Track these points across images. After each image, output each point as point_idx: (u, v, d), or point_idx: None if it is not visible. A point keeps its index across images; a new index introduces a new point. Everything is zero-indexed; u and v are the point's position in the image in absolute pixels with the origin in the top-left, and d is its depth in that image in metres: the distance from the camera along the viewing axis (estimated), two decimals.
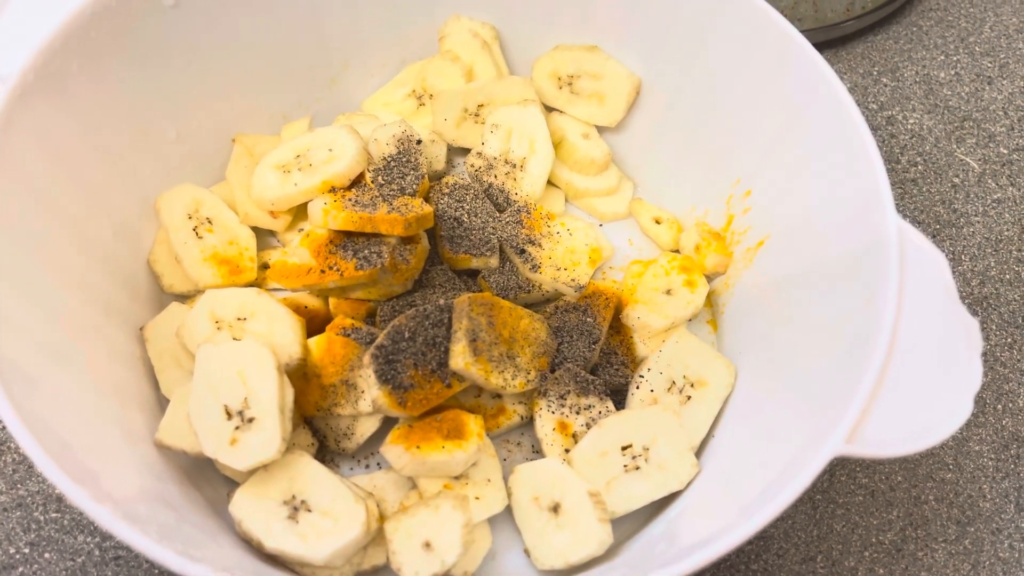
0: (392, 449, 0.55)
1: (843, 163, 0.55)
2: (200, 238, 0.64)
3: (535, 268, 0.64)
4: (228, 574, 0.41)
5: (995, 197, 0.79)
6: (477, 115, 0.71)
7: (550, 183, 0.72)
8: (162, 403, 0.60)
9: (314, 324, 0.61)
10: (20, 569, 0.58)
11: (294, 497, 0.53)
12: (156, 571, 0.59)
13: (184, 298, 0.65)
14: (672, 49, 0.68)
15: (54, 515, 0.60)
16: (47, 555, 0.59)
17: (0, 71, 0.55)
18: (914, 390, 0.46)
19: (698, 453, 0.61)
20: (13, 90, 0.52)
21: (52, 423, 0.46)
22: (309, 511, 0.53)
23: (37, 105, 0.54)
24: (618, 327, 0.66)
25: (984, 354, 0.71)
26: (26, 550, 0.59)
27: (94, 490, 0.43)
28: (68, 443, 0.46)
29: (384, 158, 0.65)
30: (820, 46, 0.63)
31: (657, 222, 0.72)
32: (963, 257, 0.76)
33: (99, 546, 0.59)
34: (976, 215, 0.78)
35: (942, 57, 0.89)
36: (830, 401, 0.48)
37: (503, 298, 0.63)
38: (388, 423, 0.59)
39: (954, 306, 0.49)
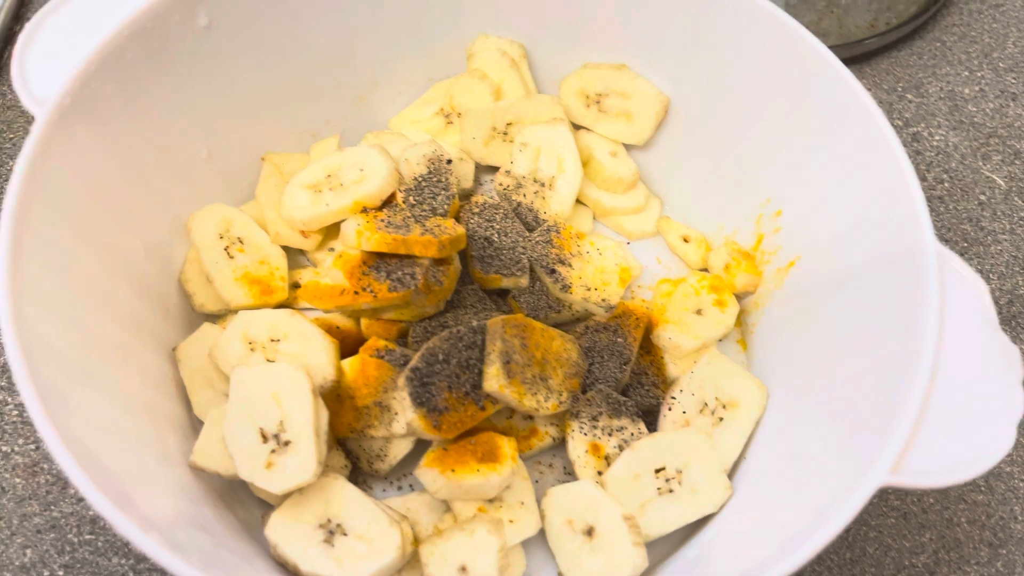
0: (427, 472, 0.55)
1: (877, 183, 0.55)
2: (231, 258, 0.64)
3: (566, 288, 0.64)
4: None
5: (1022, 215, 0.79)
6: (505, 134, 0.71)
7: (578, 201, 0.72)
8: (194, 424, 0.60)
9: (346, 345, 0.61)
10: None
11: (329, 520, 0.53)
12: None
13: (215, 318, 0.65)
14: (700, 67, 0.68)
15: (88, 537, 0.60)
16: None
17: (37, 94, 0.55)
18: (957, 419, 0.46)
19: (731, 475, 0.60)
20: (51, 114, 0.52)
21: (91, 447, 0.46)
22: (344, 535, 0.53)
23: (73, 128, 0.54)
24: (648, 347, 0.65)
25: None
26: (60, 572, 0.59)
27: (136, 516, 0.43)
28: (108, 468, 0.46)
29: (415, 178, 0.65)
30: (844, 62, 0.63)
31: (685, 240, 0.72)
32: (991, 276, 0.76)
33: (133, 568, 0.59)
34: (1003, 233, 0.78)
35: (966, 73, 0.88)
36: (871, 429, 0.48)
37: (534, 318, 0.63)
38: (421, 444, 0.59)
39: (994, 333, 0.49)
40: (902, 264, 0.52)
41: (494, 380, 0.56)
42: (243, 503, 0.58)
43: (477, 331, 0.59)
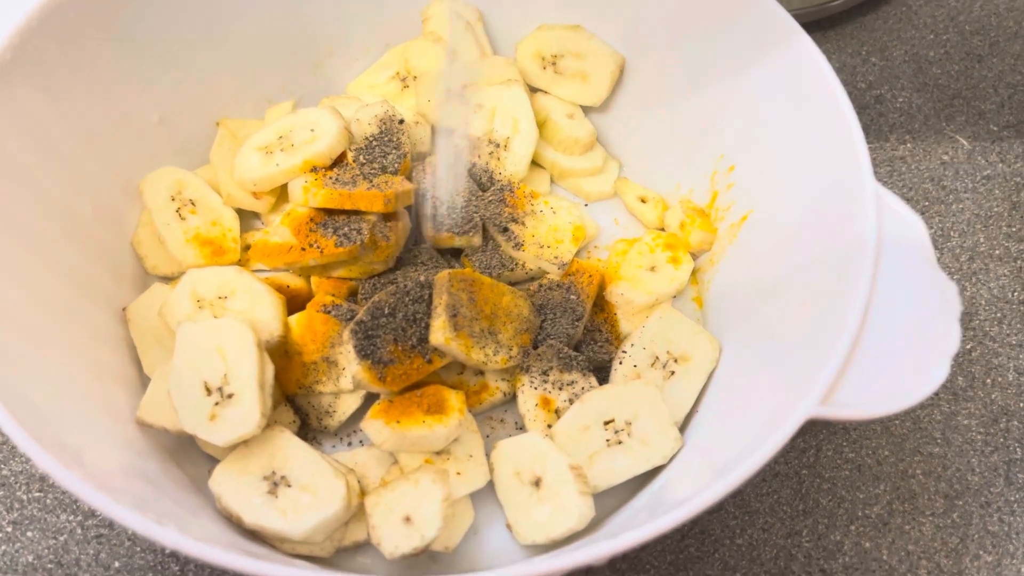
0: (372, 423, 0.55)
1: (820, 128, 0.55)
2: (183, 219, 0.64)
3: (518, 246, 0.64)
4: (192, 537, 0.41)
5: (984, 174, 0.79)
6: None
7: (535, 164, 0.72)
8: (145, 382, 0.60)
9: (296, 303, 0.61)
10: (3, 548, 0.58)
11: (274, 472, 0.53)
12: (138, 549, 0.59)
13: (168, 279, 0.65)
14: (655, 27, 0.68)
15: (37, 494, 0.60)
16: (29, 534, 0.59)
17: None
18: (890, 353, 0.46)
19: (682, 428, 0.60)
20: None
21: (31, 399, 0.46)
22: (289, 486, 0.53)
23: (15, 86, 0.54)
24: (602, 304, 0.65)
25: (973, 329, 0.70)
26: (8, 529, 0.59)
27: (72, 463, 0.43)
28: (47, 419, 0.46)
29: (366, 138, 0.65)
30: (809, 26, 0.62)
31: (642, 201, 0.72)
32: (952, 233, 0.75)
33: (81, 524, 0.59)
34: (965, 191, 0.78)
35: (932, 36, 0.88)
36: (806, 367, 0.48)
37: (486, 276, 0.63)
38: (370, 400, 0.59)
39: (932, 271, 0.49)
40: (842, 205, 0.52)
41: (440, 333, 0.56)
42: (192, 460, 0.58)
43: (424, 285, 0.59)
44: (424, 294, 0.58)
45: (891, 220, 0.50)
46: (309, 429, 0.60)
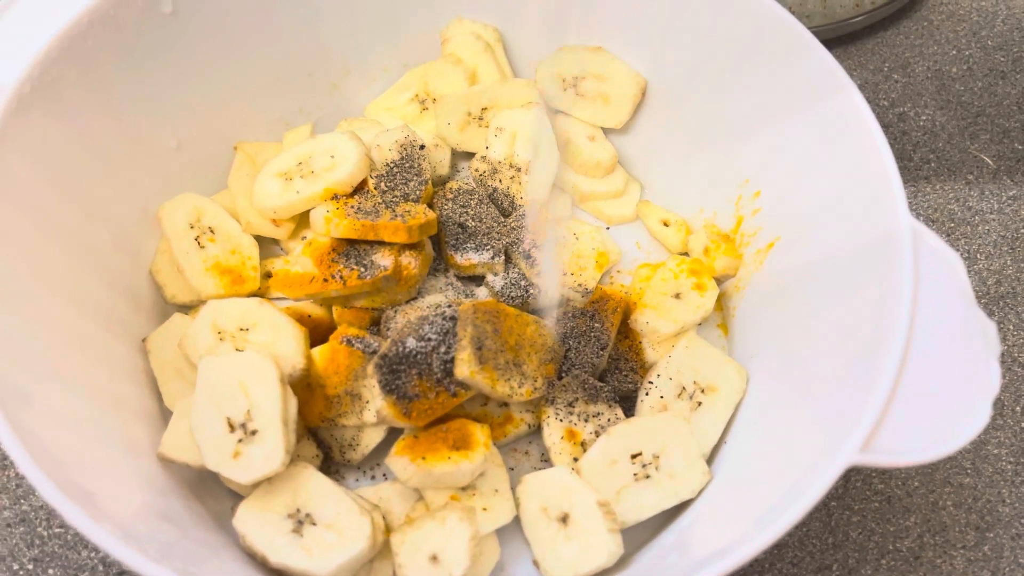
0: (398, 460, 0.54)
1: (853, 161, 0.54)
2: (202, 248, 0.63)
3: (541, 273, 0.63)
4: None
5: (1011, 194, 0.78)
6: (481, 119, 0.70)
7: (556, 187, 0.71)
8: (165, 416, 0.59)
9: (318, 333, 0.60)
10: None
11: (298, 510, 0.52)
12: None
13: (187, 308, 0.64)
14: (677, 48, 0.67)
15: (58, 530, 0.59)
16: (51, 571, 0.58)
17: None
18: (930, 396, 0.45)
19: (710, 460, 0.59)
20: (9, 101, 0.52)
21: (48, 439, 0.46)
22: (314, 524, 0.52)
23: (34, 116, 0.54)
24: (626, 332, 0.64)
25: (1002, 355, 0.69)
26: (30, 566, 0.58)
27: (92, 508, 0.42)
28: (64, 460, 0.46)
29: (387, 164, 0.64)
30: (829, 43, 0.62)
31: (665, 224, 0.71)
32: (978, 256, 0.74)
33: (103, 561, 0.59)
34: (991, 212, 0.77)
35: (954, 52, 0.87)
36: (844, 408, 0.47)
37: (509, 305, 0.62)
38: (393, 433, 0.59)
39: (971, 308, 0.48)
40: (877, 240, 0.51)
41: (465, 366, 0.55)
42: (214, 494, 0.57)
43: (448, 317, 0.58)
44: (448, 326, 0.58)
45: (927, 256, 0.49)
46: (332, 462, 0.59)
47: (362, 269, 0.58)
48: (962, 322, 0.47)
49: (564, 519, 0.55)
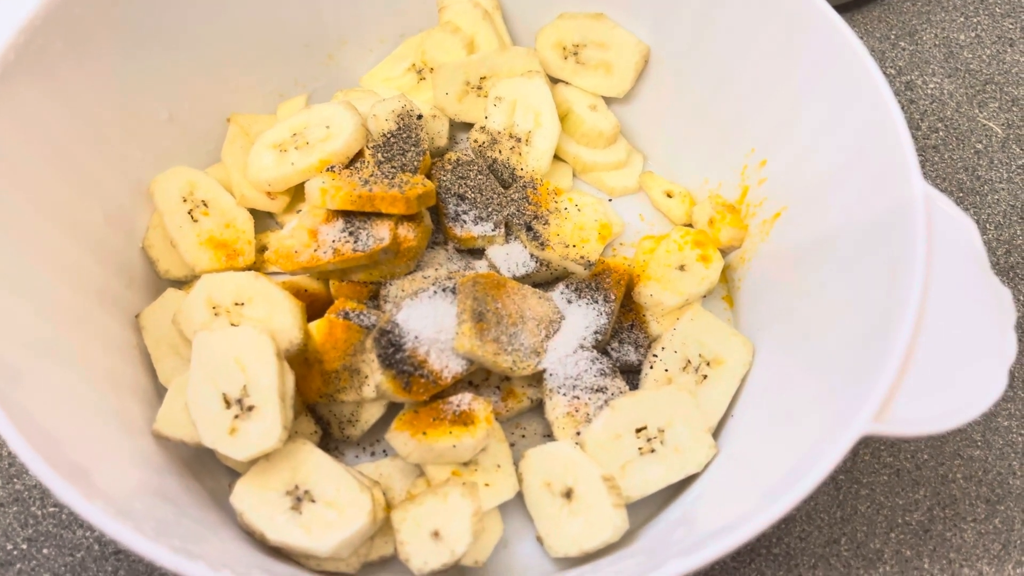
0: (398, 436, 0.53)
1: (864, 128, 0.53)
2: (195, 221, 0.62)
3: (543, 245, 0.62)
4: (228, 570, 0.39)
5: (1020, 163, 0.76)
6: (480, 88, 0.69)
7: (557, 158, 0.70)
8: (160, 393, 0.58)
9: (315, 308, 0.59)
10: (18, 566, 0.57)
11: (297, 487, 0.51)
12: (158, 565, 0.57)
13: (181, 284, 0.63)
14: (681, 14, 0.65)
15: (52, 509, 0.58)
16: (45, 551, 0.57)
17: None
18: (945, 364, 0.44)
19: (715, 434, 0.58)
20: None
21: (40, 417, 0.45)
22: (313, 501, 0.51)
23: (20, 86, 0.52)
24: (630, 305, 0.63)
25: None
26: (24, 546, 0.57)
27: (85, 486, 0.41)
28: (58, 437, 0.45)
29: (383, 134, 0.62)
30: (837, 9, 0.60)
31: (668, 196, 0.69)
32: (988, 225, 0.73)
33: (99, 540, 0.58)
34: (1000, 182, 0.75)
35: (962, 19, 0.85)
36: (855, 378, 0.46)
37: (511, 277, 0.61)
38: (393, 408, 0.57)
39: (985, 276, 0.47)
40: (889, 207, 0.50)
41: (465, 339, 0.54)
42: (211, 472, 0.56)
43: (448, 290, 0.57)
44: (448, 299, 0.56)
45: (941, 222, 0.48)
46: (331, 439, 0.58)
47: (359, 241, 0.57)
48: (977, 289, 0.46)
49: (568, 494, 0.54)
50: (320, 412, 0.57)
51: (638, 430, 0.56)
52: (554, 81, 0.70)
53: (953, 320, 0.45)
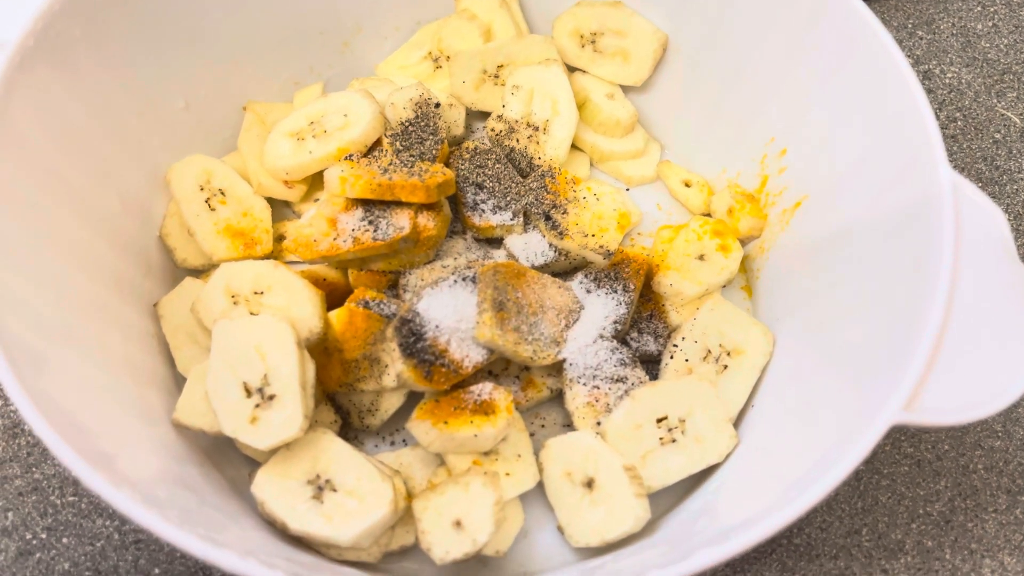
0: (419, 425, 0.53)
1: (888, 115, 0.52)
2: (213, 210, 0.61)
3: (562, 235, 0.61)
4: (254, 558, 0.39)
5: None
6: (497, 76, 0.68)
7: (574, 147, 0.69)
8: (179, 381, 0.58)
9: (334, 297, 0.59)
10: (38, 555, 0.56)
11: (318, 476, 0.51)
12: (178, 555, 0.57)
13: (198, 272, 0.63)
14: (701, 2, 0.64)
15: (71, 499, 0.58)
16: (65, 540, 0.57)
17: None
18: (975, 353, 0.43)
19: (736, 425, 0.58)
20: (12, 57, 0.50)
21: (64, 404, 0.44)
22: (334, 491, 0.51)
23: (38, 73, 0.52)
24: (649, 295, 0.63)
25: None
26: (43, 535, 0.57)
27: (111, 474, 0.41)
28: (82, 425, 0.44)
29: (401, 123, 0.62)
30: None
31: (687, 185, 0.69)
32: (1007, 215, 0.73)
33: (118, 529, 0.57)
34: (1020, 171, 0.75)
35: (979, 8, 0.85)
36: (881, 368, 0.45)
37: (529, 267, 0.61)
38: (413, 398, 0.57)
39: (1013, 265, 0.46)
40: (915, 195, 0.49)
41: (486, 329, 0.54)
42: (230, 460, 0.56)
43: (468, 279, 0.56)
44: (468, 288, 0.56)
45: (968, 210, 0.47)
46: (351, 428, 0.58)
47: (378, 230, 0.57)
48: (1005, 278, 0.46)
49: (589, 484, 0.54)
50: (340, 401, 0.57)
51: (659, 420, 0.56)
52: (571, 69, 0.70)
53: (981, 309, 0.45)
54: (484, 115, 0.70)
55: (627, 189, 0.70)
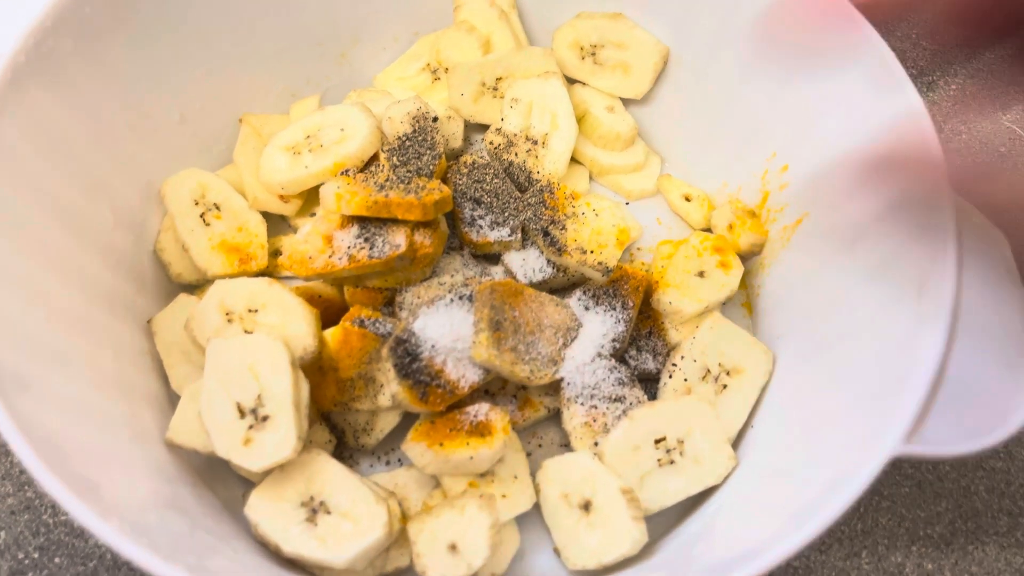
0: (414, 446, 0.52)
1: (891, 130, 0.51)
2: (208, 225, 0.61)
3: (560, 251, 0.61)
4: None
5: None
6: (495, 89, 0.67)
7: (574, 160, 0.69)
8: (172, 399, 0.58)
9: (329, 314, 0.58)
10: (30, 575, 0.56)
11: (312, 498, 0.51)
12: None
13: (193, 288, 0.62)
14: (702, 16, 0.64)
15: (63, 518, 0.58)
16: (57, 559, 0.57)
17: None
18: (977, 382, 0.43)
19: (735, 446, 0.57)
20: (3, 72, 0.49)
21: (48, 426, 0.44)
22: (328, 513, 0.50)
23: (30, 88, 0.51)
24: (648, 312, 0.62)
25: None
26: (36, 555, 0.57)
27: (96, 502, 0.40)
28: (68, 448, 0.44)
29: (399, 137, 0.61)
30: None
31: (687, 199, 0.68)
32: None
33: (111, 550, 0.57)
34: None
35: None
36: (882, 392, 0.45)
37: (527, 284, 0.60)
38: (409, 417, 0.57)
39: (1017, 287, 0.46)
40: (917, 215, 0.48)
41: (483, 349, 0.53)
42: (224, 481, 0.56)
43: (465, 297, 0.56)
44: (464, 307, 0.55)
45: (970, 233, 0.47)
46: (345, 447, 0.57)
47: (374, 248, 0.56)
48: (1007, 302, 0.45)
49: (586, 506, 0.53)
50: (334, 420, 0.57)
51: (657, 441, 0.55)
52: (571, 81, 0.69)
53: (985, 335, 0.44)
54: (483, 127, 0.70)
55: (627, 203, 0.70)
